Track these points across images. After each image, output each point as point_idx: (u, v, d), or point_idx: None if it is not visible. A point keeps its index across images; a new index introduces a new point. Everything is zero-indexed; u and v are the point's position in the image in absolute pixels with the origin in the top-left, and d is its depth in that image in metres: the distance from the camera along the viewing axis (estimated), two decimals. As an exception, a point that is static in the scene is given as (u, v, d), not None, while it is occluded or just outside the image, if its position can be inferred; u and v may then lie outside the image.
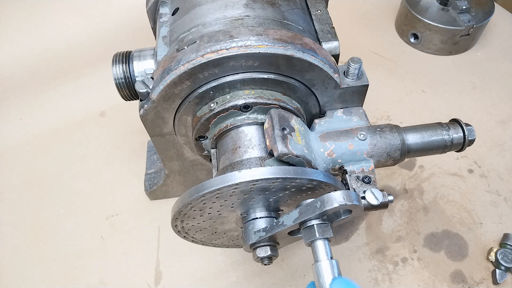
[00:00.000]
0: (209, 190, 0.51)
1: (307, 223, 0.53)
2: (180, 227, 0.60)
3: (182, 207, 0.54)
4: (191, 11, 0.71)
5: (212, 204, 0.55)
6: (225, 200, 0.55)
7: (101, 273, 0.88)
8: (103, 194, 1.01)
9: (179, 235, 0.64)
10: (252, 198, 0.56)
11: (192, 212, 0.56)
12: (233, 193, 0.53)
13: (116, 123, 1.16)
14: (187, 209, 0.55)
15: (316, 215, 0.51)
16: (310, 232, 0.52)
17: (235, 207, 0.58)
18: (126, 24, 1.39)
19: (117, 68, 0.73)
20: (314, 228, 0.52)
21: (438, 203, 0.97)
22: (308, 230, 0.53)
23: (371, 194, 0.62)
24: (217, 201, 0.54)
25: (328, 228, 0.53)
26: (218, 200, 0.54)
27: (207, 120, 0.65)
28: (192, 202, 0.53)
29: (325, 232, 0.52)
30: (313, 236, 0.52)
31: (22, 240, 0.94)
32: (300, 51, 0.61)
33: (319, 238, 0.52)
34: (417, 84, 1.24)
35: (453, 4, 1.27)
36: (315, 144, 0.65)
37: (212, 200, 0.54)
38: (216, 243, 0.71)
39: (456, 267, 0.87)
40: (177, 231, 0.62)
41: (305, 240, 0.53)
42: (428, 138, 0.67)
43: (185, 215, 0.56)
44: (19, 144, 1.13)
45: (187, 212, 0.55)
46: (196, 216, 0.58)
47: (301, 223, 0.53)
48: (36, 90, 1.25)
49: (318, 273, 0.50)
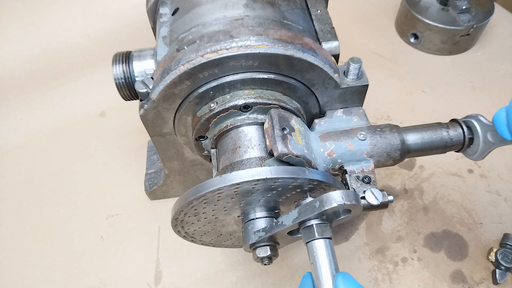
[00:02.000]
0: (209, 190, 0.51)
1: (306, 223, 0.53)
2: (180, 227, 0.60)
3: (182, 207, 0.54)
4: (191, 11, 0.71)
5: (212, 204, 0.55)
6: (225, 200, 0.55)
7: (101, 273, 0.88)
8: (103, 194, 1.01)
9: (179, 235, 0.64)
10: (251, 198, 0.56)
11: (192, 211, 0.56)
12: (233, 193, 0.53)
13: (116, 123, 1.16)
14: (187, 209, 0.55)
15: (315, 215, 0.51)
16: (309, 232, 0.52)
17: (235, 207, 0.58)
18: (126, 24, 1.39)
19: (117, 68, 0.73)
20: (313, 228, 0.52)
21: (438, 203, 0.97)
22: (307, 230, 0.53)
23: (371, 194, 0.62)
24: (217, 201, 0.54)
25: (327, 227, 0.53)
26: (218, 200, 0.54)
27: (207, 120, 0.65)
28: (192, 202, 0.53)
29: (324, 232, 0.52)
30: (312, 236, 0.52)
31: (22, 240, 0.94)
32: (300, 51, 0.61)
33: (318, 238, 0.52)
34: (417, 84, 1.24)
35: (453, 4, 1.27)
36: (315, 144, 0.65)
37: (212, 200, 0.54)
38: (216, 243, 0.71)
39: (456, 267, 0.87)
40: (177, 231, 0.62)
41: (304, 240, 0.53)
42: (428, 138, 0.67)
43: (185, 215, 0.56)
44: (19, 144, 1.12)
45: (187, 212, 0.56)
46: (196, 216, 0.58)
47: (300, 223, 0.53)
48: (36, 90, 1.25)
49: (317, 273, 0.50)
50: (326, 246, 0.52)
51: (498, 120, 0.61)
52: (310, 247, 0.52)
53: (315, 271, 0.51)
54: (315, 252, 0.52)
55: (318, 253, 0.51)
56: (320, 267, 0.50)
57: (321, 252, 0.51)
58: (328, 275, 0.50)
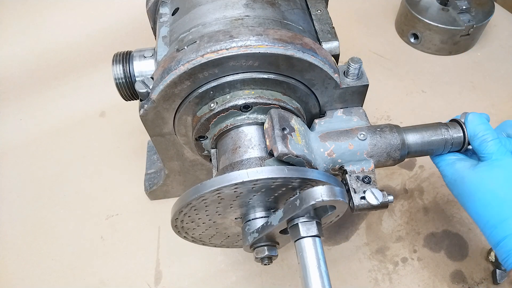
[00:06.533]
0: (209, 189, 0.51)
1: (293, 221, 0.52)
2: (180, 227, 0.60)
3: (182, 206, 0.54)
4: (191, 11, 0.71)
5: (212, 204, 0.55)
6: (225, 200, 0.55)
7: (101, 273, 0.88)
8: (103, 194, 1.01)
9: (179, 235, 0.64)
10: (251, 198, 0.56)
11: (192, 211, 0.56)
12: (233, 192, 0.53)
13: (116, 123, 1.16)
14: (187, 209, 0.55)
15: (298, 213, 0.50)
16: (295, 231, 0.52)
17: (234, 207, 0.58)
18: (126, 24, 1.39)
19: (117, 68, 0.73)
20: (299, 227, 0.51)
21: (438, 203, 0.97)
22: (293, 229, 0.52)
23: (371, 194, 0.62)
24: (217, 201, 0.54)
25: (313, 225, 0.52)
26: (218, 199, 0.54)
27: (207, 120, 0.65)
28: (192, 202, 0.53)
29: (310, 230, 0.51)
30: (298, 234, 0.51)
31: (22, 240, 0.94)
32: (300, 51, 0.61)
33: (303, 236, 0.51)
34: (417, 84, 1.24)
35: (453, 4, 1.27)
36: (315, 144, 0.65)
37: (212, 200, 0.54)
38: (216, 243, 0.71)
39: (456, 267, 0.87)
40: (177, 231, 0.62)
41: (292, 239, 0.53)
42: (428, 138, 0.67)
43: (185, 215, 0.56)
44: (19, 144, 1.12)
45: (187, 212, 0.56)
46: (197, 216, 0.58)
47: (288, 222, 0.53)
48: (36, 90, 1.25)
49: (303, 272, 0.49)
50: (313, 244, 0.51)
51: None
52: (297, 246, 0.52)
53: (302, 271, 0.50)
54: (301, 251, 0.51)
55: (304, 252, 0.50)
56: (306, 266, 0.49)
57: (308, 251, 0.50)
58: (315, 275, 0.48)
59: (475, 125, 0.66)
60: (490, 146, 0.63)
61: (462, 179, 0.65)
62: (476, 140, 0.65)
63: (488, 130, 0.65)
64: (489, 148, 0.63)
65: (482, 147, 0.64)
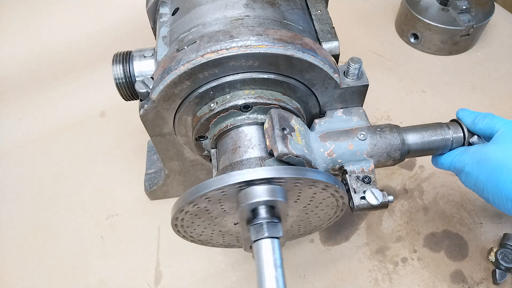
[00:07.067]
0: (209, 189, 0.51)
1: (252, 221, 0.53)
2: (180, 226, 0.60)
3: (182, 206, 0.54)
4: (191, 11, 0.71)
5: (212, 204, 0.55)
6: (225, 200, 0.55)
7: (101, 273, 0.88)
8: (103, 194, 1.01)
9: (179, 235, 0.64)
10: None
11: (192, 211, 0.56)
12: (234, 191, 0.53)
13: (116, 123, 1.16)
14: (187, 209, 0.55)
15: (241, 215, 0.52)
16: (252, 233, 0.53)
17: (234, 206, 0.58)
18: (126, 24, 1.39)
19: (117, 68, 0.73)
20: (251, 230, 0.52)
21: (438, 203, 0.97)
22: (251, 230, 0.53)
23: (371, 194, 0.62)
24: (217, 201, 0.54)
25: (262, 228, 0.52)
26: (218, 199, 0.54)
27: (207, 120, 0.65)
28: (192, 202, 0.53)
29: (259, 233, 0.52)
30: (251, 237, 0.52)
31: (22, 240, 0.94)
32: (300, 51, 0.61)
33: (257, 239, 0.52)
34: (417, 84, 1.24)
35: (453, 4, 1.27)
36: (315, 144, 0.65)
37: (212, 200, 0.54)
38: (216, 243, 0.71)
39: (456, 267, 0.87)
40: (177, 231, 0.62)
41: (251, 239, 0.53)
42: (428, 138, 0.67)
43: (185, 215, 0.56)
44: (19, 144, 1.12)
45: (187, 212, 0.55)
46: (197, 216, 0.58)
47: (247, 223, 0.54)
48: (36, 90, 1.25)
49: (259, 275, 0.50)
50: (264, 247, 0.51)
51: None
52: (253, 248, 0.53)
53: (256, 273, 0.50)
54: (255, 253, 0.52)
55: (257, 254, 0.51)
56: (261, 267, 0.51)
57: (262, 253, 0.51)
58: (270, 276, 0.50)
59: (469, 113, 0.67)
60: (497, 119, 0.64)
61: (486, 155, 0.61)
62: (479, 123, 0.65)
63: (483, 113, 0.66)
64: (496, 120, 0.64)
65: (490, 123, 0.64)
